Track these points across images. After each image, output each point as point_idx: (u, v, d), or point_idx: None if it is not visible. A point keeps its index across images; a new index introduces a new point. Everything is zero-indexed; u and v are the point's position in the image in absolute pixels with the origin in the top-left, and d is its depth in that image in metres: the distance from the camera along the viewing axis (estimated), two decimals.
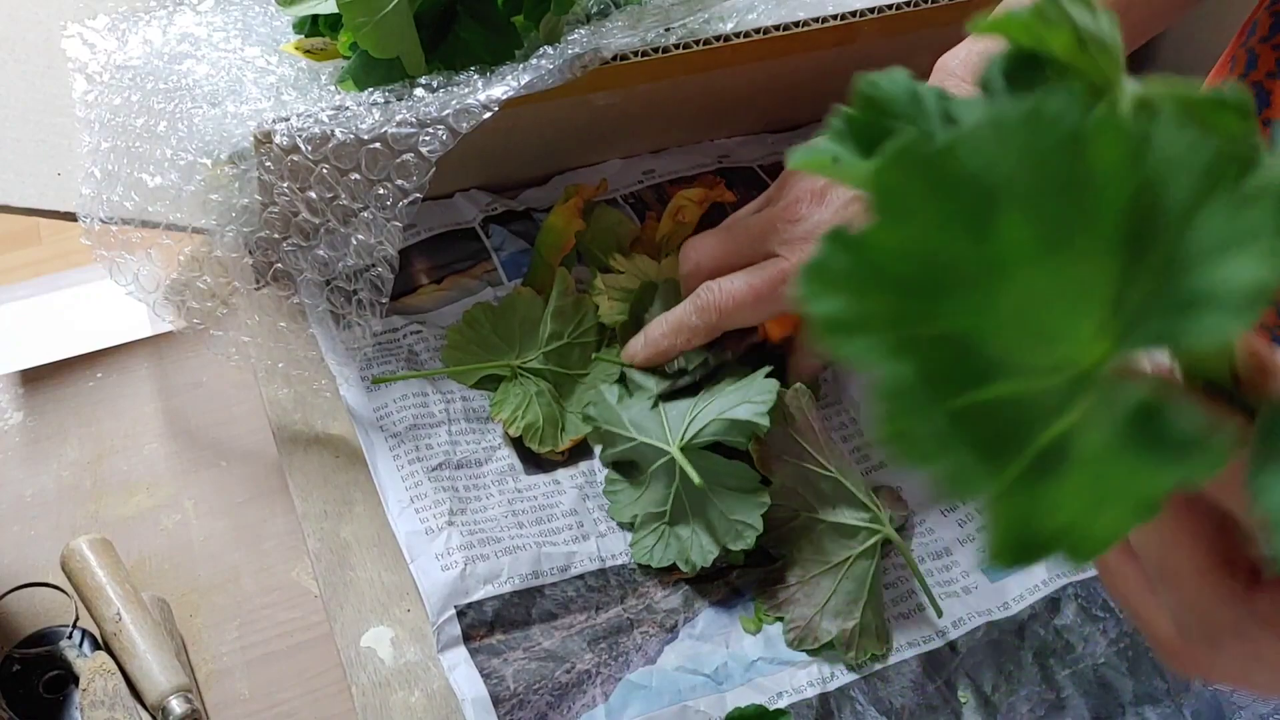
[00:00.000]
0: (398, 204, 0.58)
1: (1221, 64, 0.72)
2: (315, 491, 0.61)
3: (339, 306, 0.63)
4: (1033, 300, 0.16)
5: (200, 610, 0.59)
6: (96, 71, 0.68)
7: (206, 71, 0.65)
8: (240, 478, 0.64)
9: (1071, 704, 0.54)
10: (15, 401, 0.68)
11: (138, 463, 0.65)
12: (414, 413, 0.63)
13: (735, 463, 0.57)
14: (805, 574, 0.56)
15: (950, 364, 0.16)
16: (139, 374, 0.70)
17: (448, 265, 0.71)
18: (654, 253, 0.70)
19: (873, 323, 0.16)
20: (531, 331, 0.65)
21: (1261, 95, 0.67)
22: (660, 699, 0.53)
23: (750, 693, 0.54)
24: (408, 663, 0.55)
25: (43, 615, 0.57)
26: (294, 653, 0.57)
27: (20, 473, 0.64)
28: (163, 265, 0.63)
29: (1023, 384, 0.16)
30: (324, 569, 0.58)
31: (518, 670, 0.53)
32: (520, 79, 0.60)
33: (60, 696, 0.53)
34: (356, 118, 0.59)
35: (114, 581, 0.55)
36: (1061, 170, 0.15)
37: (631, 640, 0.55)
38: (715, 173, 0.79)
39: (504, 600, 0.56)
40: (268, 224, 0.61)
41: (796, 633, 0.55)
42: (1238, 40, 0.70)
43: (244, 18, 0.70)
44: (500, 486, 0.61)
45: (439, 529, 0.58)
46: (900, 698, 0.54)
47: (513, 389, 0.64)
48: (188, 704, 0.51)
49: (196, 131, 0.62)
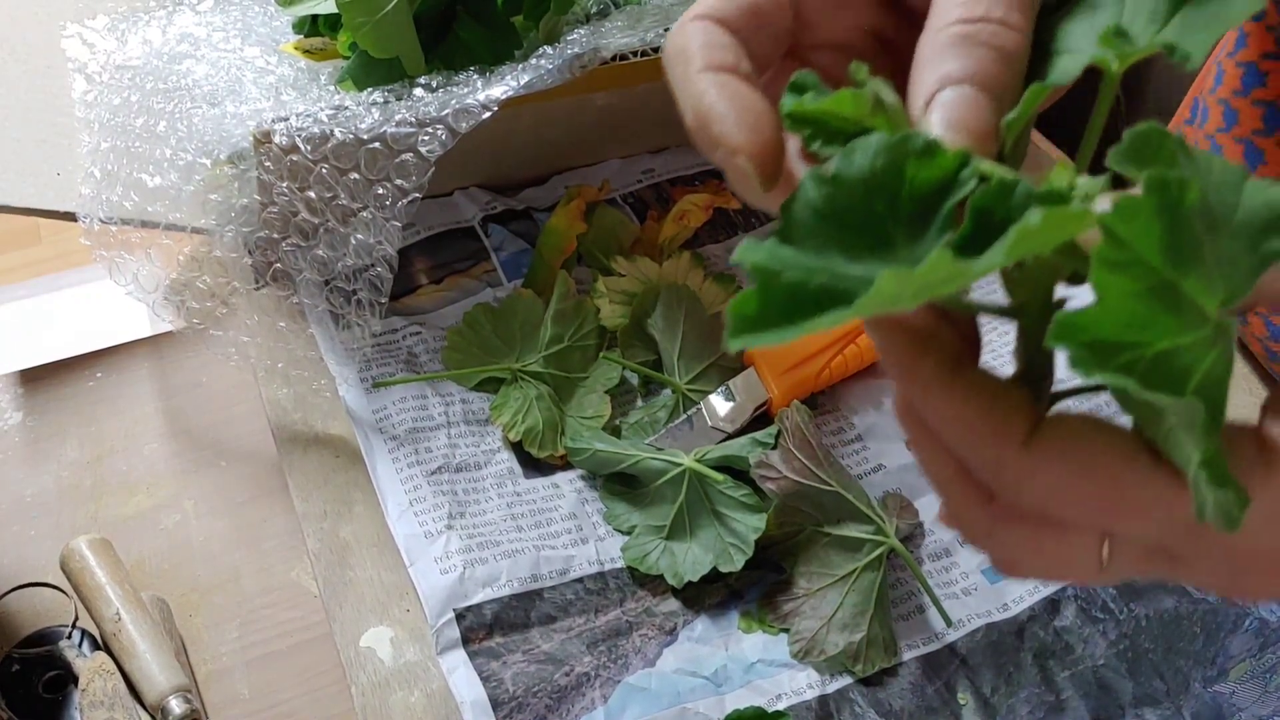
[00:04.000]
0: (397, 204, 0.58)
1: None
2: (315, 491, 0.61)
3: (338, 306, 0.62)
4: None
5: (200, 610, 0.59)
6: (96, 71, 0.68)
7: (206, 71, 0.65)
8: (240, 478, 0.64)
9: (1071, 705, 0.54)
10: (15, 401, 0.68)
11: (138, 463, 0.65)
12: (413, 415, 0.63)
13: (739, 482, 0.58)
14: (811, 587, 0.56)
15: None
16: (139, 374, 0.70)
17: (447, 265, 0.71)
18: (655, 255, 0.70)
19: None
20: (532, 334, 0.65)
21: (1229, 112, 0.67)
22: (659, 701, 0.53)
23: (749, 695, 0.54)
24: (407, 663, 0.55)
25: (42, 615, 0.57)
26: (294, 653, 0.57)
27: (20, 473, 0.64)
28: (162, 265, 0.63)
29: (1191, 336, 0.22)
30: (324, 569, 0.58)
31: (517, 673, 0.53)
32: (520, 79, 0.60)
33: (60, 696, 0.53)
34: (356, 117, 0.59)
35: (113, 581, 0.55)
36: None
37: (630, 643, 0.55)
38: (716, 173, 0.79)
39: (503, 603, 0.56)
40: (267, 224, 0.61)
41: (802, 645, 0.55)
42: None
43: (244, 18, 0.70)
44: (499, 490, 0.61)
45: (438, 532, 0.58)
46: (900, 700, 0.54)
47: (513, 392, 0.63)
48: (187, 704, 0.51)
49: (196, 131, 0.61)
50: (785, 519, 0.58)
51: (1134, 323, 0.21)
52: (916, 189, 0.25)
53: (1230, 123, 0.67)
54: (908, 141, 0.25)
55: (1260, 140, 0.66)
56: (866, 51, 0.34)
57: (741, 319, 0.23)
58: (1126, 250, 0.21)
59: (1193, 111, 0.72)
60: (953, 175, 0.25)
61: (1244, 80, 0.66)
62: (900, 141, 0.25)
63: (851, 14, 0.33)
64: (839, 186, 0.25)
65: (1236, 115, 0.67)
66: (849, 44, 0.34)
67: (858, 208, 0.25)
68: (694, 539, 0.58)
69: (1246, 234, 0.23)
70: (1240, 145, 0.67)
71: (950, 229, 0.24)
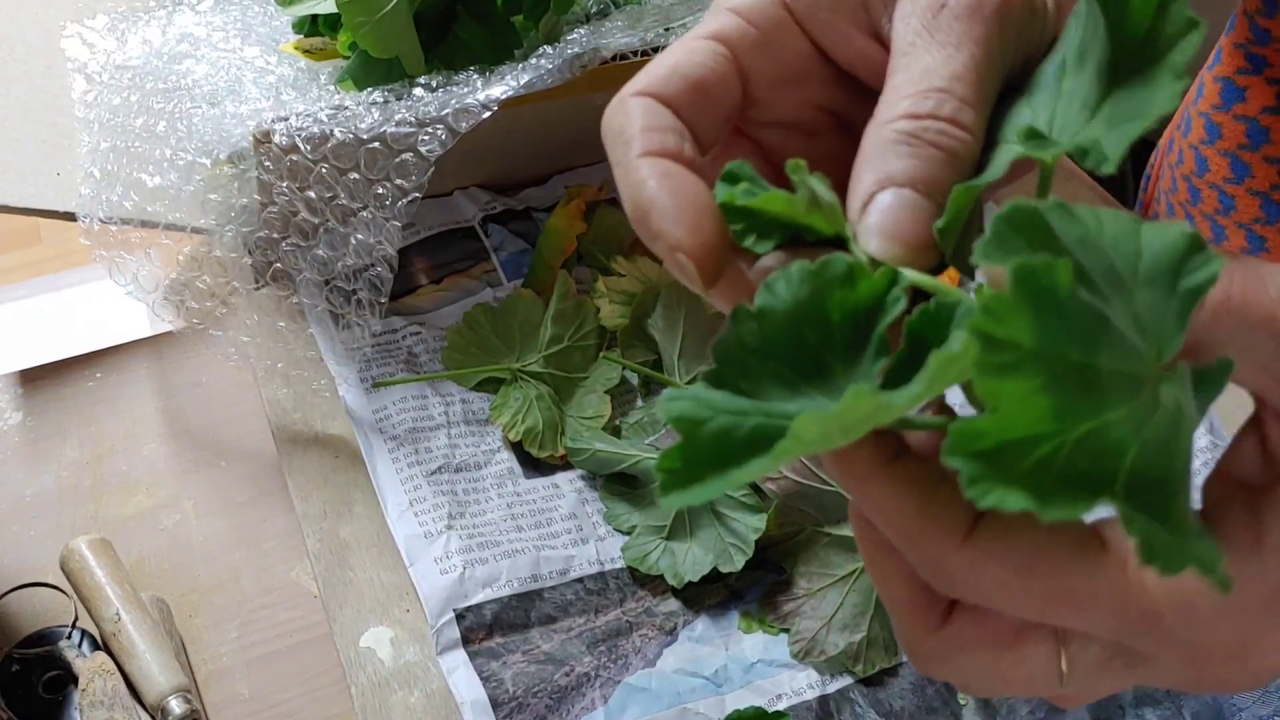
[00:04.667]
0: (397, 203, 0.58)
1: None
2: (315, 491, 0.61)
3: (338, 306, 0.62)
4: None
5: (200, 610, 0.59)
6: (96, 71, 0.68)
7: (206, 71, 0.65)
8: (240, 478, 0.64)
9: None
10: (15, 401, 0.68)
11: (137, 463, 0.65)
12: (413, 415, 0.63)
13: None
14: (811, 587, 0.56)
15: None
16: (139, 374, 0.70)
17: (447, 265, 0.71)
18: (655, 254, 0.70)
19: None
20: (532, 334, 0.65)
21: (1212, 127, 0.67)
22: (659, 701, 0.53)
23: (750, 695, 0.54)
24: (407, 663, 0.55)
25: (42, 615, 0.57)
26: (294, 653, 0.57)
27: (20, 473, 0.64)
28: (162, 265, 0.63)
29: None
30: (323, 569, 0.58)
31: (517, 673, 0.53)
32: (520, 79, 0.60)
33: (59, 697, 0.53)
34: (355, 117, 0.59)
35: (113, 582, 0.55)
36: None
37: (630, 643, 0.55)
38: None
39: (503, 603, 0.56)
40: (267, 224, 0.61)
41: (802, 645, 0.55)
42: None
43: (243, 18, 0.70)
44: (499, 490, 0.61)
45: (438, 533, 0.58)
46: (900, 700, 0.54)
47: (512, 393, 0.63)
48: (187, 704, 0.51)
49: (196, 131, 0.61)
50: (785, 519, 0.58)
51: (1044, 417, 0.20)
52: (846, 314, 0.24)
53: (1214, 136, 0.67)
54: (828, 268, 0.24)
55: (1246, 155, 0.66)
56: (819, 129, 0.32)
57: (668, 475, 0.22)
58: (1008, 351, 0.19)
59: (1182, 121, 0.72)
60: (881, 297, 0.24)
61: (1223, 95, 0.67)
62: (820, 269, 0.24)
63: (802, 90, 0.31)
64: (767, 321, 0.24)
65: (1219, 129, 0.67)
66: (799, 121, 0.32)
67: (789, 340, 0.24)
68: (694, 539, 0.58)
69: (1159, 280, 0.21)
70: (1225, 159, 0.67)
71: (886, 353, 0.23)
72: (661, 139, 0.28)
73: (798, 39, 0.30)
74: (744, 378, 0.24)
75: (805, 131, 0.32)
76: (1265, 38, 0.63)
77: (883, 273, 0.24)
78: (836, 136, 0.32)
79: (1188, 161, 0.70)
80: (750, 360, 0.24)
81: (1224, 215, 0.68)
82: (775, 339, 0.24)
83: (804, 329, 0.24)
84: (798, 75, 0.31)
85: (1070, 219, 0.22)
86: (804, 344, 0.24)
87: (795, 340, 0.24)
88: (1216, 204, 0.68)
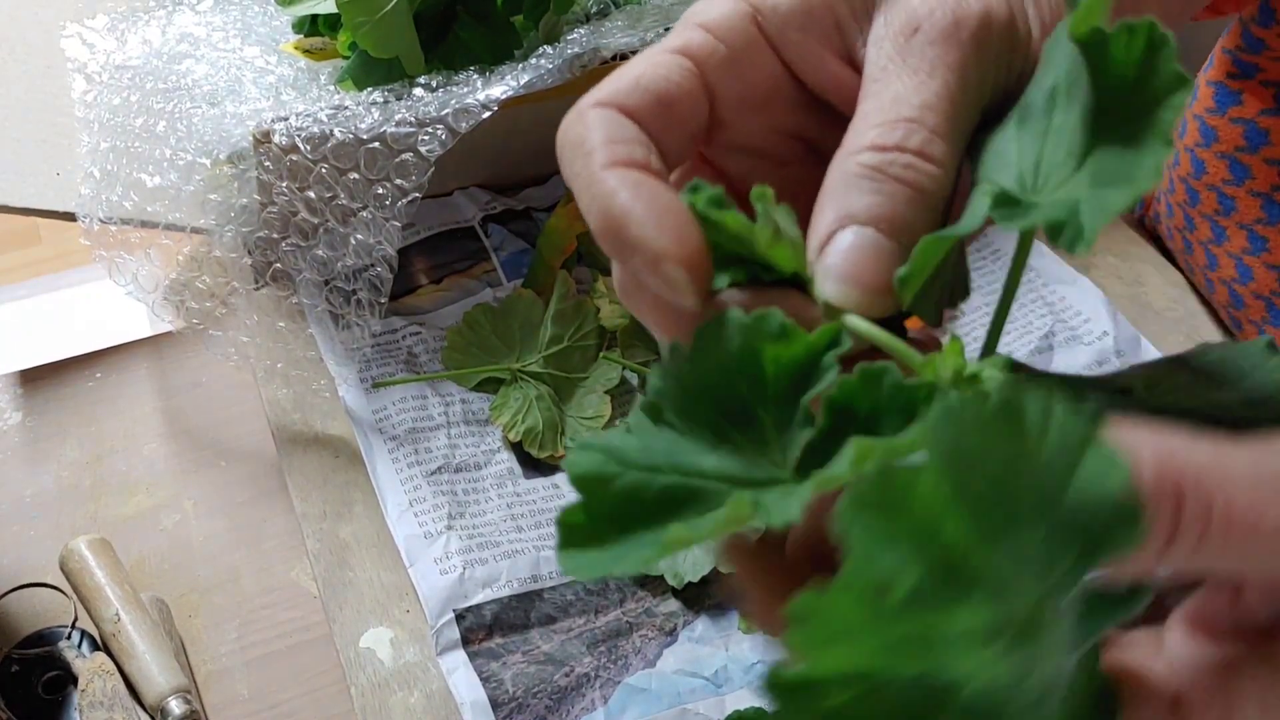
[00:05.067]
0: (397, 203, 0.58)
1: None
2: (314, 492, 0.61)
3: (338, 306, 0.62)
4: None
5: (200, 610, 0.59)
6: (96, 71, 0.68)
7: (205, 71, 0.65)
8: (240, 478, 0.64)
9: None
10: (15, 401, 0.68)
11: (137, 463, 0.65)
12: (413, 415, 0.63)
13: None
14: None
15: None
16: (138, 374, 0.70)
17: (447, 265, 0.71)
18: None
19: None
20: (531, 334, 0.65)
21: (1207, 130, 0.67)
22: (659, 702, 0.53)
23: (750, 695, 0.54)
24: (407, 663, 0.54)
25: (42, 616, 0.57)
26: (293, 653, 0.57)
27: (20, 473, 0.64)
28: (162, 265, 0.63)
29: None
30: (323, 569, 0.58)
31: (516, 674, 0.53)
32: (520, 79, 0.60)
33: (59, 697, 0.53)
34: (355, 117, 0.59)
35: (113, 582, 0.55)
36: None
37: (630, 643, 0.55)
38: None
39: (503, 604, 0.56)
40: (266, 224, 0.61)
41: None
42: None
43: (243, 18, 0.70)
44: (499, 490, 0.61)
45: (438, 533, 0.58)
46: None
47: (512, 393, 0.63)
48: (187, 704, 0.51)
49: (195, 131, 0.61)
50: None
51: (873, 665, 0.17)
52: (781, 370, 0.23)
53: (1209, 139, 0.68)
54: (763, 323, 0.23)
55: (1245, 157, 0.66)
56: (788, 157, 0.30)
57: (568, 530, 0.22)
58: (825, 627, 0.17)
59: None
60: (816, 357, 0.23)
61: (1217, 99, 0.67)
62: (755, 323, 0.23)
63: (772, 114, 0.29)
64: (700, 364, 0.23)
65: (1215, 133, 0.67)
66: (767, 148, 0.30)
67: (722, 386, 0.23)
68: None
69: (1074, 519, 0.18)
70: (1224, 161, 0.67)
71: (811, 422, 0.22)
72: (628, 150, 0.26)
73: (769, 59, 0.29)
74: (676, 413, 0.23)
75: (773, 159, 0.30)
76: (1258, 45, 0.63)
77: (821, 332, 0.23)
78: (806, 166, 0.30)
79: (1184, 164, 0.70)
80: (683, 398, 0.23)
81: (1224, 216, 0.68)
82: (708, 383, 0.23)
83: (736, 379, 0.23)
84: (767, 97, 0.29)
85: (1007, 436, 0.18)
86: (735, 394, 0.23)
87: (727, 388, 0.23)
88: (1216, 205, 0.68)
